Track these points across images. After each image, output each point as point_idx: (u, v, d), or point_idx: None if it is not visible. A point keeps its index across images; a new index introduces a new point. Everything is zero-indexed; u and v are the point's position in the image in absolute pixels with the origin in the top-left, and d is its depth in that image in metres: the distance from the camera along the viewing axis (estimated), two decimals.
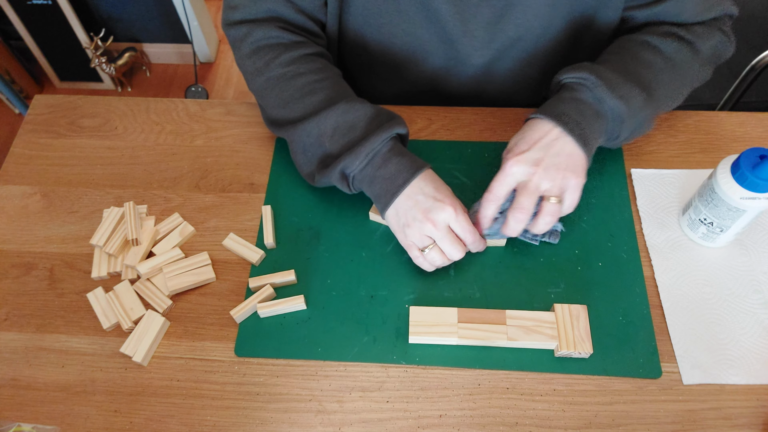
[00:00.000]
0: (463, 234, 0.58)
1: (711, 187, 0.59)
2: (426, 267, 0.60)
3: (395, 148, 0.60)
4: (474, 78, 0.75)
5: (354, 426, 0.56)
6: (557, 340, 0.56)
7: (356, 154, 0.59)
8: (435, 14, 0.66)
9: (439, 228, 0.57)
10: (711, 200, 0.59)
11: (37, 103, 0.80)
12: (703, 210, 0.60)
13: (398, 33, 0.70)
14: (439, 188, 0.58)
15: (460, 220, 0.57)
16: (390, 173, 0.59)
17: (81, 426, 0.57)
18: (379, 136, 0.59)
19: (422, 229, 0.57)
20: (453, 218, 0.57)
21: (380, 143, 0.59)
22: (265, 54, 0.66)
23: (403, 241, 0.60)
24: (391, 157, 0.60)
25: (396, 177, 0.59)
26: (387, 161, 0.59)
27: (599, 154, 0.71)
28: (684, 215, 0.64)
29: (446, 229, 0.57)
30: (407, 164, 0.59)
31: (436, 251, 0.58)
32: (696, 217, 0.62)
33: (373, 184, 0.60)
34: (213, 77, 2.01)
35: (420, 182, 0.58)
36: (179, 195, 0.71)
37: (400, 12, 0.67)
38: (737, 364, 0.57)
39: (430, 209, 0.57)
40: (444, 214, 0.57)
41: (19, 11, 1.77)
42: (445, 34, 0.68)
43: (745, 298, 0.61)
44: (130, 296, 0.63)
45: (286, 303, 0.61)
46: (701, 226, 0.62)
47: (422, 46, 0.71)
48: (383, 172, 0.59)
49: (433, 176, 0.60)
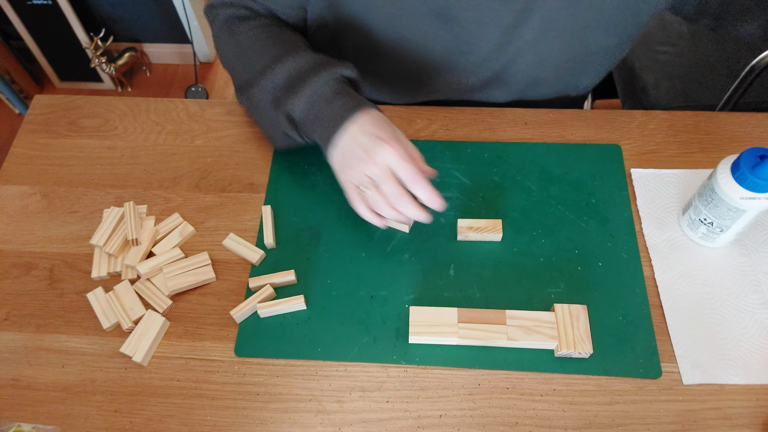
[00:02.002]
0: (406, 179, 0.53)
1: (711, 187, 0.59)
2: (365, 214, 0.57)
3: (341, 89, 0.58)
4: (486, 81, 0.75)
5: (354, 426, 0.56)
6: (557, 340, 0.56)
7: (299, 94, 0.58)
8: (450, 22, 0.65)
9: (380, 168, 0.53)
10: (711, 200, 0.59)
11: (37, 103, 0.80)
12: (703, 210, 0.60)
13: (410, 48, 0.69)
14: (382, 126, 0.55)
15: (403, 163, 0.53)
16: (332, 113, 0.57)
17: (81, 426, 0.57)
18: (321, 75, 0.58)
19: (363, 168, 0.54)
20: (394, 159, 0.53)
21: (322, 83, 0.58)
22: (230, 27, 0.69)
23: (343, 184, 0.57)
24: (334, 97, 0.57)
25: (339, 117, 0.56)
26: (330, 102, 0.57)
27: (599, 154, 0.71)
28: (684, 215, 0.64)
29: (388, 171, 0.54)
30: (352, 104, 0.56)
31: (378, 195, 0.54)
32: (696, 217, 0.62)
33: (316, 127, 0.58)
34: (213, 77, 2.01)
35: (362, 120, 0.55)
36: (179, 195, 0.71)
37: (411, 28, 0.66)
38: (737, 364, 0.57)
39: (371, 147, 0.53)
40: (384, 153, 0.53)
41: (19, 11, 1.77)
42: (461, 42, 0.68)
43: (745, 298, 0.61)
44: (130, 296, 0.63)
45: (286, 303, 0.61)
46: (701, 226, 0.62)
47: (434, 61, 0.71)
48: (326, 112, 0.57)
49: (377, 116, 0.57)
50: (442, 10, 0.64)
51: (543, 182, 0.69)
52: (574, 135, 0.74)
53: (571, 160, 0.71)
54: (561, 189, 0.69)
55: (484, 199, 0.68)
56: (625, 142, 0.73)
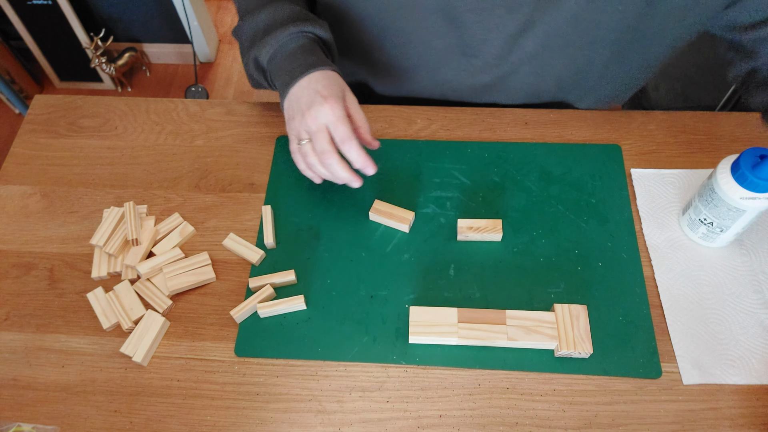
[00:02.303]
0: (338, 138, 0.56)
1: (711, 187, 0.59)
2: (302, 166, 0.59)
3: (306, 46, 0.61)
4: (486, 86, 0.75)
5: (354, 426, 0.56)
6: (557, 340, 0.56)
7: (266, 43, 0.61)
8: (455, 22, 0.65)
9: (317, 124, 0.56)
10: (711, 200, 0.59)
11: (37, 103, 0.80)
12: (703, 210, 0.60)
13: (414, 41, 0.70)
14: (329, 86, 0.57)
15: (338, 123, 0.55)
16: (292, 66, 0.59)
17: (81, 426, 0.57)
18: (287, 29, 0.61)
19: (302, 122, 0.57)
20: (331, 118, 0.55)
21: (288, 36, 0.61)
22: None
23: (288, 133, 0.60)
24: (298, 53, 0.60)
25: (295, 70, 0.59)
26: (293, 55, 0.60)
27: (599, 154, 0.71)
28: (684, 215, 0.64)
29: (322, 128, 0.56)
30: (311, 61, 0.59)
31: (309, 147, 0.57)
32: (696, 217, 0.62)
33: (276, 76, 0.61)
34: (213, 77, 2.01)
35: (314, 77, 0.57)
36: (179, 195, 0.71)
37: (416, 21, 0.67)
38: (737, 364, 0.57)
39: (313, 103, 0.56)
40: (323, 110, 0.55)
41: (19, 11, 1.77)
42: (464, 44, 0.68)
43: (744, 298, 0.61)
44: (130, 296, 0.63)
45: (286, 303, 0.61)
46: (701, 226, 0.62)
47: (437, 56, 0.71)
48: (287, 65, 0.60)
49: (331, 76, 0.59)
50: (448, 8, 0.64)
51: (543, 182, 0.69)
52: (574, 135, 0.74)
53: (571, 160, 0.71)
54: (561, 189, 0.69)
55: (484, 199, 0.68)
56: (625, 142, 0.73)
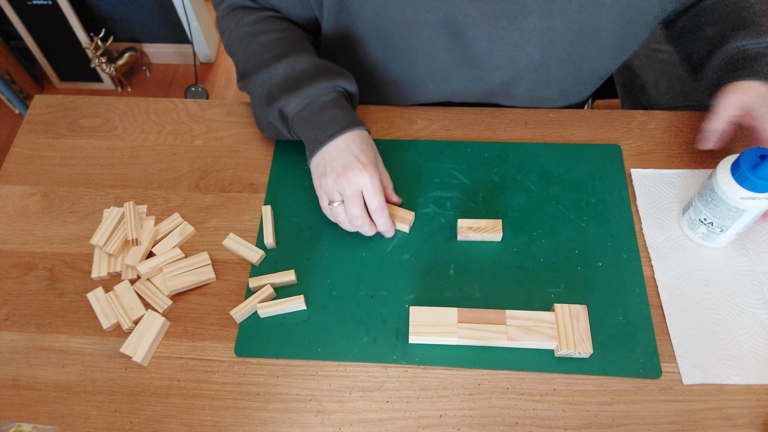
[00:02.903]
0: (372, 207, 0.59)
1: (711, 187, 0.59)
2: (330, 217, 0.62)
3: (337, 100, 0.62)
4: (490, 94, 0.75)
5: (354, 426, 0.56)
6: (557, 340, 0.56)
7: (296, 95, 0.62)
8: (460, 36, 0.66)
9: (352, 190, 0.58)
10: (711, 200, 0.59)
11: (37, 103, 0.80)
12: (703, 210, 0.60)
13: (420, 56, 0.70)
14: (366, 151, 0.59)
15: (374, 192, 0.58)
16: (324, 121, 0.61)
17: (81, 426, 0.57)
18: (321, 83, 0.62)
19: (336, 183, 0.59)
20: (368, 186, 0.58)
21: (321, 90, 0.62)
22: (236, 15, 0.71)
23: (317, 188, 0.62)
24: (329, 107, 0.62)
25: (329, 126, 0.60)
26: (324, 109, 0.61)
27: (599, 154, 0.71)
28: (684, 215, 0.64)
29: (357, 194, 0.59)
30: (343, 117, 0.61)
31: (342, 209, 0.60)
32: (696, 217, 0.62)
33: (306, 128, 0.62)
34: (213, 77, 2.01)
35: (350, 138, 0.60)
36: (179, 195, 0.71)
37: (422, 36, 0.67)
38: (737, 364, 0.57)
39: (349, 167, 0.58)
40: (360, 177, 0.58)
41: (19, 11, 1.77)
42: (469, 56, 0.68)
43: (745, 299, 0.61)
44: (130, 296, 0.63)
45: (286, 303, 0.61)
46: (701, 226, 0.62)
47: (443, 69, 0.71)
48: (318, 119, 0.61)
49: (365, 138, 0.61)
50: (452, 23, 0.64)
51: (543, 182, 0.69)
52: (574, 135, 0.74)
53: (571, 160, 0.71)
54: (561, 189, 0.69)
55: (484, 199, 0.68)
56: (625, 142, 0.73)
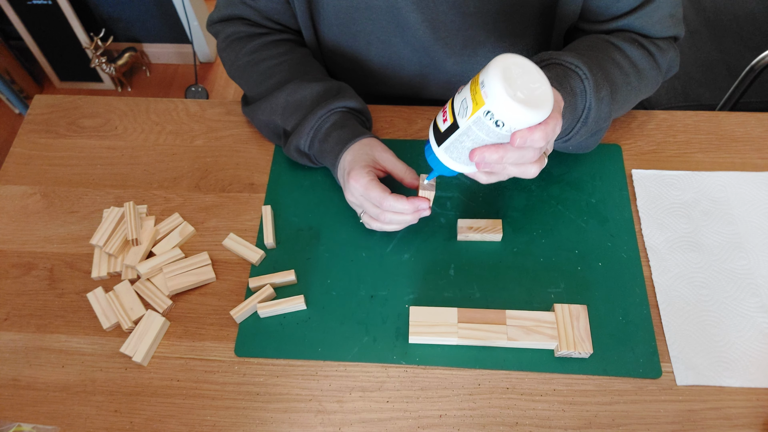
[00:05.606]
0: (374, 204, 0.59)
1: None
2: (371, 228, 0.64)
3: (337, 121, 0.65)
4: (451, 83, 0.76)
5: (354, 426, 0.56)
6: (557, 340, 0.56)
7: (300, 132, 0.65)
8: (405, 22, 0.67)
9: (355, 199, 0.61)
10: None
11: (37, 103, 0.80)
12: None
13: (373, 41, 0.71)
14: (353, 161, 0.61)
15: (367, 192, 0.59)
16: (330, 146, 0.64)
17: (81, 426, 0.57)
18: (316, 113, 0.64)
19: (349, 199, 0.62)
20: (356, 189, 0.60)
21: (318, 120, 0.64)
22: (234, 46, 0.73)
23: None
24: (331, 131, 0.64)
25: (335, 148, 0.63)
26: (328, 136, 0.64)
27: (599, 154, 0.71)
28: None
29: (360, 200, 0.61)
30: (343, 136, 0.63)
31: (367, 217, 0.62)
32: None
33: (325, 158, 0.65)
34: (213, 77, 2.01)
35: (349, 153, 0.62)
36: (179, 195, 0.71)
37: (372, 21, 0.68)
38: (732, 367, 0.57)
39: (344, 182, 0.62)
40: (350, 188, 0.60)
41: (19, 11, 1.77)
42: (418, 41, 0.69)
43: (742, 302, 0.61)
44: (130, 296, 0.63)
45: (286, 303, 0.61)
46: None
47: (397, 54, 0.72)
48: (327, 147, 0.64)
49: (359, 146, 0.63)
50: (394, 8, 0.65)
51: (543, 182, 0.69)
52: None
53: (571, 160, 0.71)
54: (561, 189, 0.69)
55: (484, 199, 0.68)
56: (625, 142, 0.73)
